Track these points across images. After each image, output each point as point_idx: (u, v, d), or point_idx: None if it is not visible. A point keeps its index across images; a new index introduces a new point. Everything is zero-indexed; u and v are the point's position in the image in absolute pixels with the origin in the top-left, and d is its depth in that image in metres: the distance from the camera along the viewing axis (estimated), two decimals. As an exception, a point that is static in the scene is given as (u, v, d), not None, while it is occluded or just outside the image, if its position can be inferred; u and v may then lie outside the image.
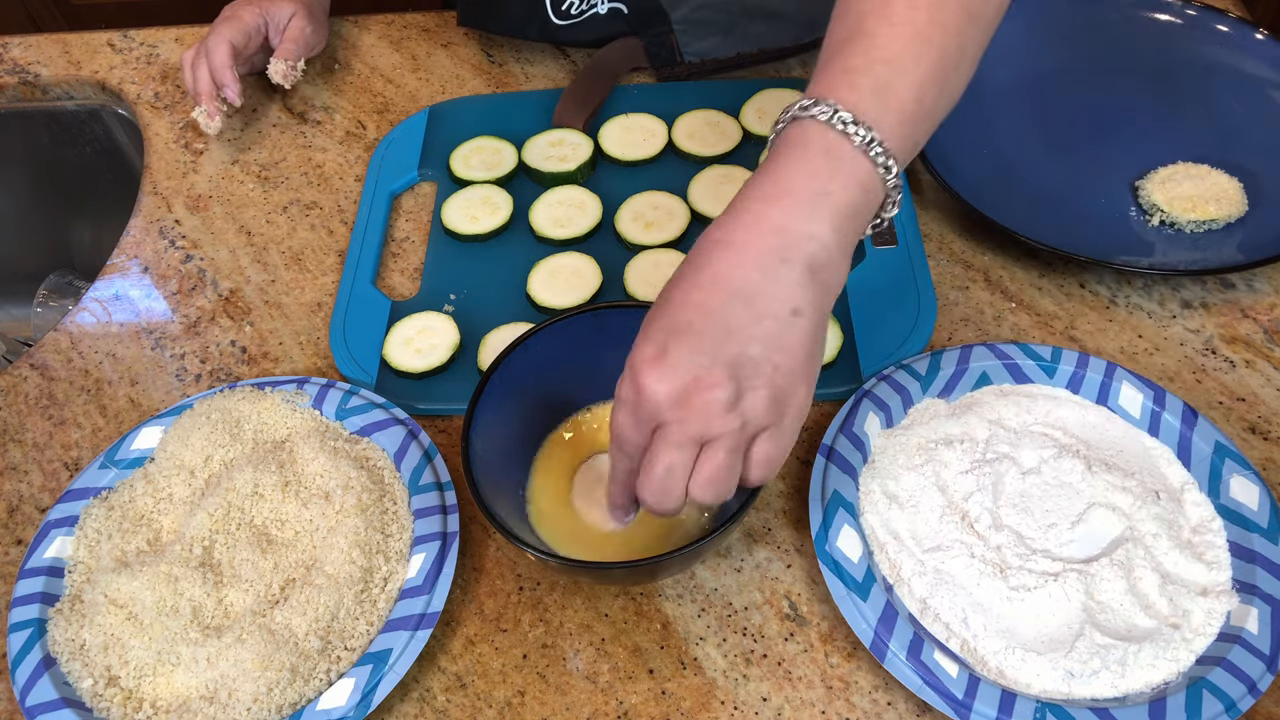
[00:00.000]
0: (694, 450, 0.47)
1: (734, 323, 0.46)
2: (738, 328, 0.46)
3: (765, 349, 0.46)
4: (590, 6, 0.89)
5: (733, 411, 0.46)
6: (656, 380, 0.46)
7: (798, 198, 0.48)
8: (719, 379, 0.45)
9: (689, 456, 0.47)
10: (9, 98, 1.00)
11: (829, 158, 0.48)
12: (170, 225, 0.85)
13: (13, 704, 0.59)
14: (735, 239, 0.48)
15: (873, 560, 0.58)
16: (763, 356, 0.46)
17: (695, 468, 0.47)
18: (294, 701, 0.55)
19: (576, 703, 0.57)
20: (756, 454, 0.47)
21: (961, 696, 0.52)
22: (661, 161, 0.84)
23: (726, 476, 0.47)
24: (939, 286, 0.74)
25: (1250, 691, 0.52)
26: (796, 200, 0.48)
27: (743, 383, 0.46)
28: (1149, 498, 0.59)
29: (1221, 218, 0.74)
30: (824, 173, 0.48)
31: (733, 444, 0.46)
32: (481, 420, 0.58)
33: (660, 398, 0.46)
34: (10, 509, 0.68)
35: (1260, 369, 0.68)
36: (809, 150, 0.48)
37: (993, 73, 0.56)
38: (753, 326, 0.46)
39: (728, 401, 0.46)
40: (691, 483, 0.47)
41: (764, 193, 0.49)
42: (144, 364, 0.76)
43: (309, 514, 0.61)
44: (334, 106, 0.93)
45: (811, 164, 0.48)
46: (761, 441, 0.47)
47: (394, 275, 0.79)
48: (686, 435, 0.46)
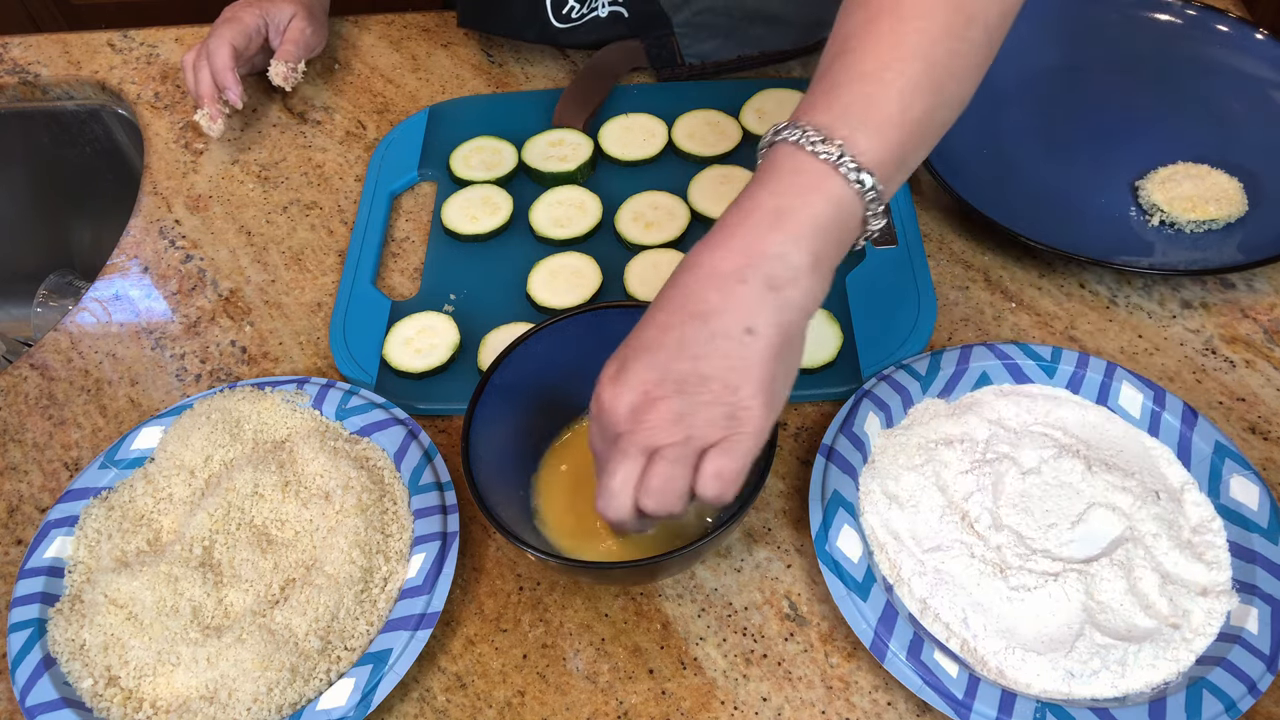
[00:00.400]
0: (643, 462, 0.48)
1: (688, 340, 0.48)
2: (691, 345, 0.48)
3: (717, 366, 0.47)
4: (590, 10, 0.88)
5: (679, 424, 0.47)
6: (612, 395, 0.48)
7: (759, 217, 0.49)
8: (666, 392, 0.47)
9: (638, 467, 0.48)
10: (9, 98, 1.01)
11: (795, 175, 0.49)
12: (170, 225, 0.85)
13: (13, 704, 0.59)
14: (700, 261, 0.50)
15: (873, 560, 0.58)
16: (713, 373, 0.47)
17: (642, 479, 0.48)
18: (294, 701, 0.55)
19: (576, 703, 0.57)
20: (705, 468, 0.48)
21: (961, 696, 0.52)
22: (661, 161, 0.84)
23: (668, 487, 0.48)
24: (939, 286, 0.74)
25: (1250, 691, 0.52)
26: (758, 219, 0.49)
27: (692, 398, 0.47)
28: (1149, 498, 0.59)
29: (1221, 218, 0.74)
30: (789, 190, 0.49)
31: (675, 455, 0.47)
32: (481, 420, 0.58)
33: (616, 411, 0.48)
34: (10, 509, 0.68)
35: (1260, 369, 0.68)
36: (778, 171, 0.50)
37: (993, 73, 0.56)
38: (705, 344, 0.47)
39: (675, 414, 0.47)
40: (639, 493, 0.48)
41: (731, 216, 0.50)
42: (144, 364, 0.76)
43: (309, 514, 0.61)
44: (334, 106, 0.93)
45: (778, 183, 0.50)
46: (711, 456, 0.48)
47: (394, 275, 0.79)
48: (636, 446, 0.48)
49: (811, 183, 0.49)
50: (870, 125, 0.50)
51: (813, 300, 0.50)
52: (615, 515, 0.49)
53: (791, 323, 0.49)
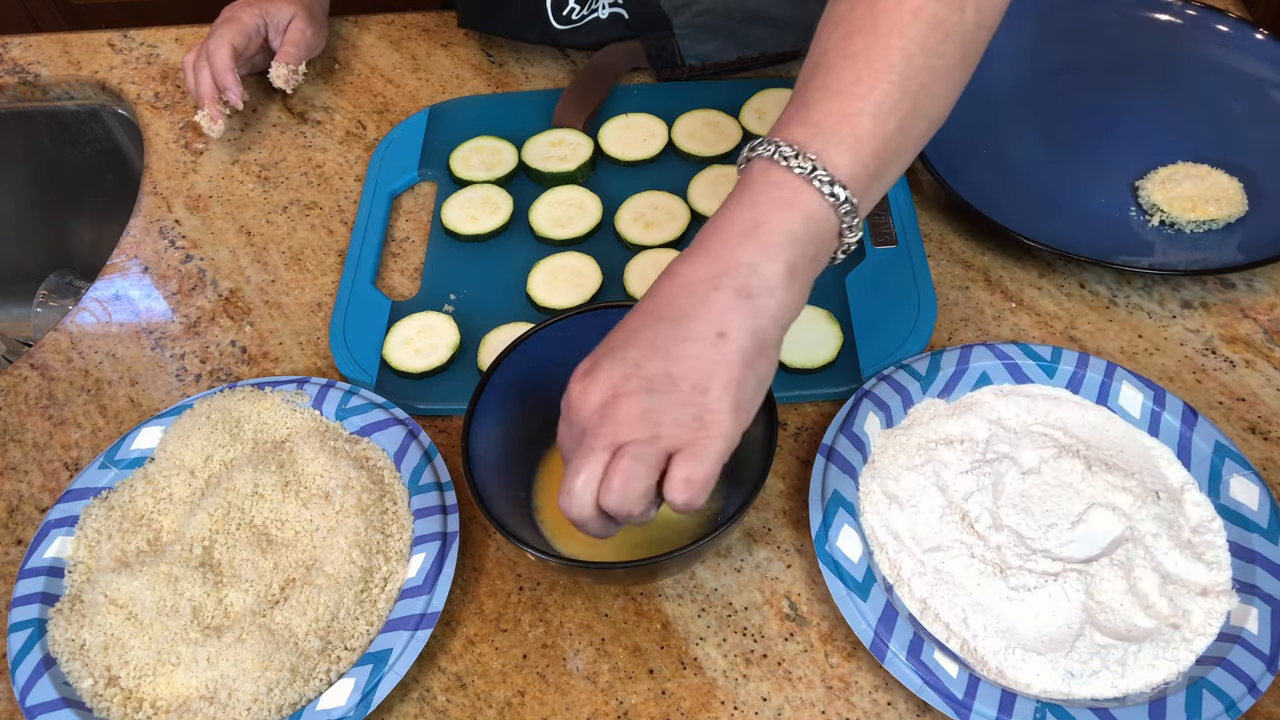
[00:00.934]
0: (606, 458, 0.48)
1: (659, 342, 0.48)
2: (662, 346, 0.48)
3: (686, 368, 0.48)
4: (591, 11, 0.89)
5: (644, 421, 0.47)
6: (580, 391, 0.49)
7: (735, 228, 0.50)
8: (634, 388, 0.47)
9: (601, 463, 0.48)
10: (9, 98, 1.01)
11: (770, 189, 0.50)
12: (170, 225, 0.85)
13: (13, 704, 0.59)
14: (678, 270, 0.50)
15: (873, 560, 0.58)
16: (682, 375, 0.48)
17: (604, 476, 0.48)
18: (294, 701, 0.55)
19: (576, 703, 0.57)
20: (674, 474, 0.47)
21: (961, 696, 0.52)
22: (661, 161, 0.84)
23: (630, 484, 0.47)
24: (939, 286, 0.74)
25: (1250, 691, 0.52)
26: (733, 231, 0.50)
27: (660, 396, 0.47)
28: (1149, 498, 0.59)
29: (1221, 218, 0.74)
30: (763, 203, 0.50)
31: (640, 452, 0.47)
32: (481, 420, 0.58)
33: (584, 407, 0.48)
34: (10, 509, 0.68)
35: (1260, 369, 0.68)
36: (753, 186, 0.51)
37: (993, 73, 0.56)
38: (675, 346, 0.48)
39: (641, 411, 0.47)
40: (601, 490, 0.48)
41: (709, 230, 0.51)
42: (144, 364, 0.76)
43: (309, 514, 0.61)
44: (334, 106, 0.93)
45: (753, 197, 0.51)
46: (679, 461, 0.47)
47: (394, 275, 0.79)
48: (601, 442, 0.48)
49: (786, 196, 0.50)
50: (845, 140, 0.50)
51: (786, 312, 0.50)
52: (577, 513, 0.49)
53: (764, 330, 0.49)
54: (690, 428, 0.47)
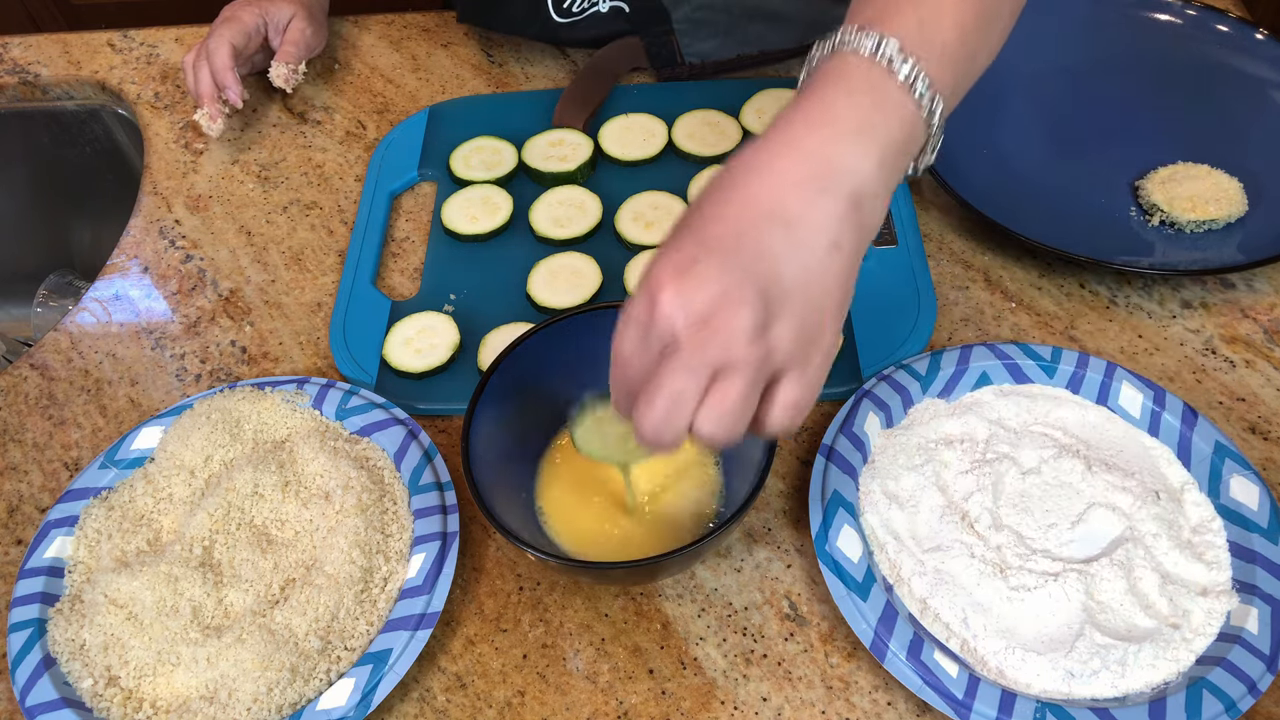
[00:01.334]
0: (707, 377, 0.41)
1: (769, 246, 0.42)
2: (773, 252, 0.42)
3: (800, 279, 0.42)
4: (592, 5, 0.88)
5: (759, 340, 0.41)
6: (676, 293, 0.41)
7: (840, 128, 0.44)
8: (748, 297, 0.41)
9: (701, 384, 0.41)
10: (9, 98, 1.01)
11: (873, 91, 0.45)
12: (170, 225, 0.85)
13: (13, 704, 0.59)
14: (774, 165, 0.44)
15: (873, 560, 0.58)
16: (796, 287, 0.42)
17: (705, 398, 0.42)
18: (294, 701, 0.55)
19: (576, 703, 0.57)
20: (781, 396, 0.43)
21: (961, 696, 0.52)
22: (661, 161, 0.84)
23: (739, 411, 0.42)
24: (939, 286, 0.74)
25: (1250, 691, 0.52)
26: (838, 131, 0.44)
27: (772, 310, 0.42)
28: (1149, 498, 0.59)
29: (1221, 218, 0.74)
30: (868, 105, 0.45)
31: (753, 376, 0.41)
32: (481, 420, 0.58)
33: (680, 315, 0.41)
34: (10, 509, 0.68)
35: (1260, 369, 0.68)
36: (852, 83, 0.45)
37: (993, 72, 0.55)
38: (789, 254, 0.42)
39: (755, 327, 0.41)
40: (699, 415, 0.42)
41: (804, 119, 0.45)
42: (144, 364, 0.76)
43: (309, 514, 0.61)
44: (334, 106, 0.93)
45: (855, 96, 0.45)
46: (786, 383, 0.43)
47: (394, 275, 0.79)
48: (702, 360, 0.41)
49: (889, 100, 0.45)
50: (935, 48, 0.45)
51: (877, 227, 0.45)
52: (671, 437, 0.42)
53: (864, 247, 0.44)
54: (801, 348, 0.43)
